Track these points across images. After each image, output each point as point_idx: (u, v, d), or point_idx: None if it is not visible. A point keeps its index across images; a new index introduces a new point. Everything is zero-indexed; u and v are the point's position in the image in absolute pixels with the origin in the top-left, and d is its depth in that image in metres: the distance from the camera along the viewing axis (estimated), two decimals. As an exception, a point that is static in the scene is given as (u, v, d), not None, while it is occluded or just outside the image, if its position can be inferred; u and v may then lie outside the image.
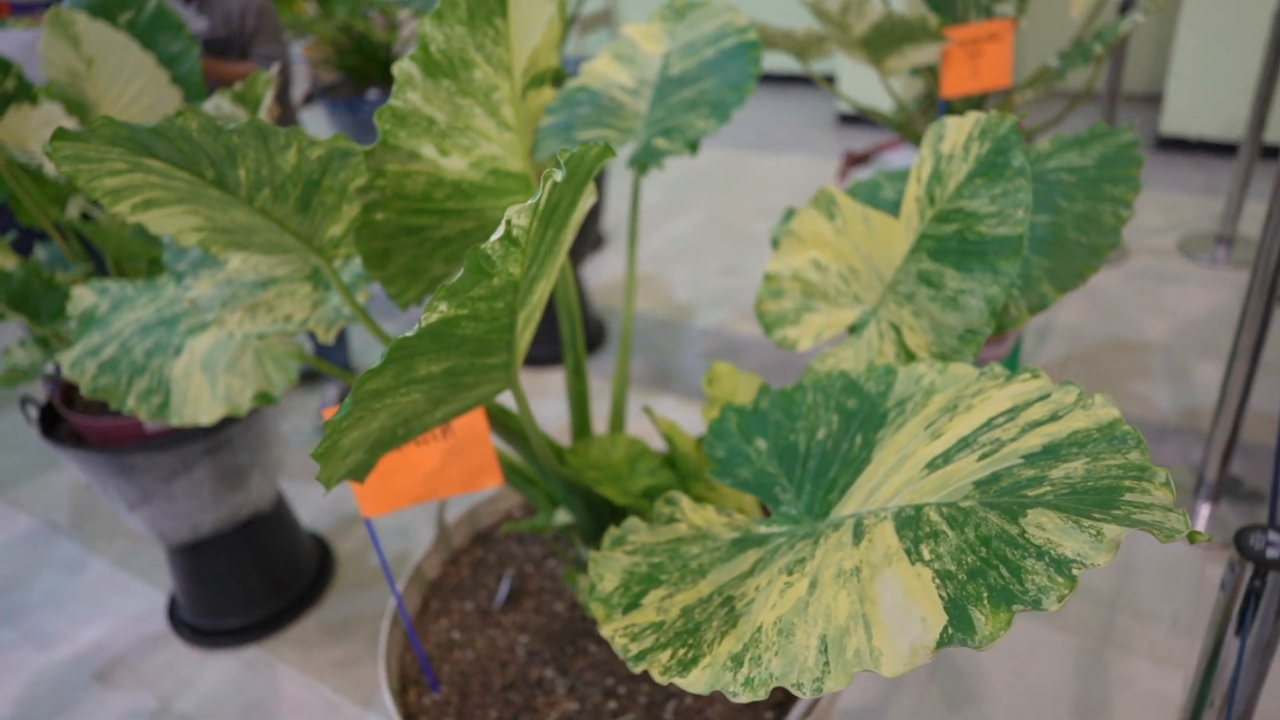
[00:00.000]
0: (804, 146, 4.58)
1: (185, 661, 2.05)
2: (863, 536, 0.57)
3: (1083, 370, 2.55)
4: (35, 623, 2.22)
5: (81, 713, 1.96)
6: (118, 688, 2.01)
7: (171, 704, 1.95)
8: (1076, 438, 0.55)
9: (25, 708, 2.00)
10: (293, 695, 1.92)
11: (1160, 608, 1.82)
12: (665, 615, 0.59)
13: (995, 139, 0.75)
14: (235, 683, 1.97)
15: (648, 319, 3.15)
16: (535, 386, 2.79)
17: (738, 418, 0.79)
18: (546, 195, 0.53)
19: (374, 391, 0.57)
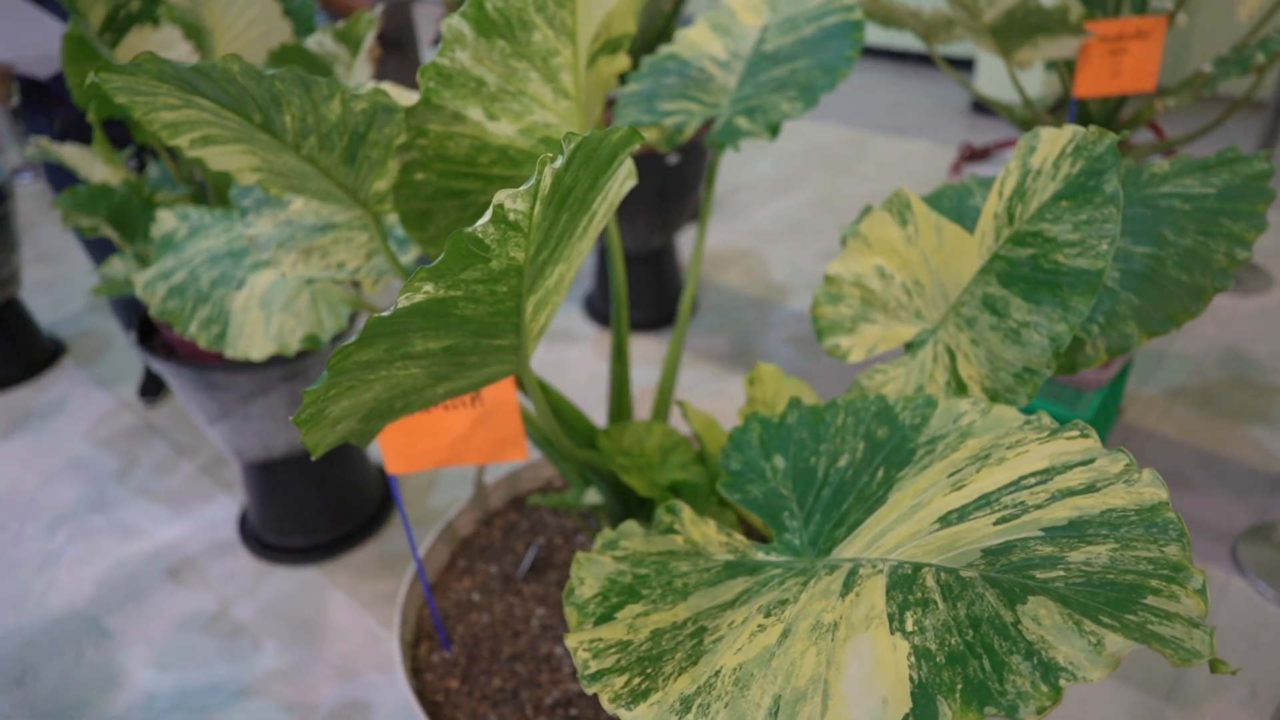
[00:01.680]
0: (931, 132, 4.37)
1: (248, 572, 2.14)
2: (852, 588, 0.52)
3: (1194, 407, 2.36)
4: (123, 515, 2.36)
5: (150, 603, 2.08)
6: (185, 586, 2.12)
7: (230, 609, 2.04)
8: (1110, 517, 0.48)
9: (103, 590, 2.13)
10: (339, 620, 1.98)
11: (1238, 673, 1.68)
12: (634, 635, 0.56)
13: (1089, 159, 0.67)
14: (290, 599, 2.05)
15: (739, 296, 3.08)
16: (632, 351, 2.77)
17: (761, 429, 0.74)
18: (550, 181, 0.49)
19: (363, 363, 0.55)
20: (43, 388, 2.91)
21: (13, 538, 2.32)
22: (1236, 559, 1.97)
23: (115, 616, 2.06)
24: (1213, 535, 2.00)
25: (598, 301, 2.92)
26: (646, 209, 2.56)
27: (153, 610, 2.07)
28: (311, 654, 1.92)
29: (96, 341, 3.13)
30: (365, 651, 1.91)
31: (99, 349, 3.07)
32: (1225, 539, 1.98)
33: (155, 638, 2.00)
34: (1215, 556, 1.94)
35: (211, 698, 1.86)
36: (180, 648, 1.97)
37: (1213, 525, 2.02)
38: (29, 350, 2.95)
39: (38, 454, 2.62)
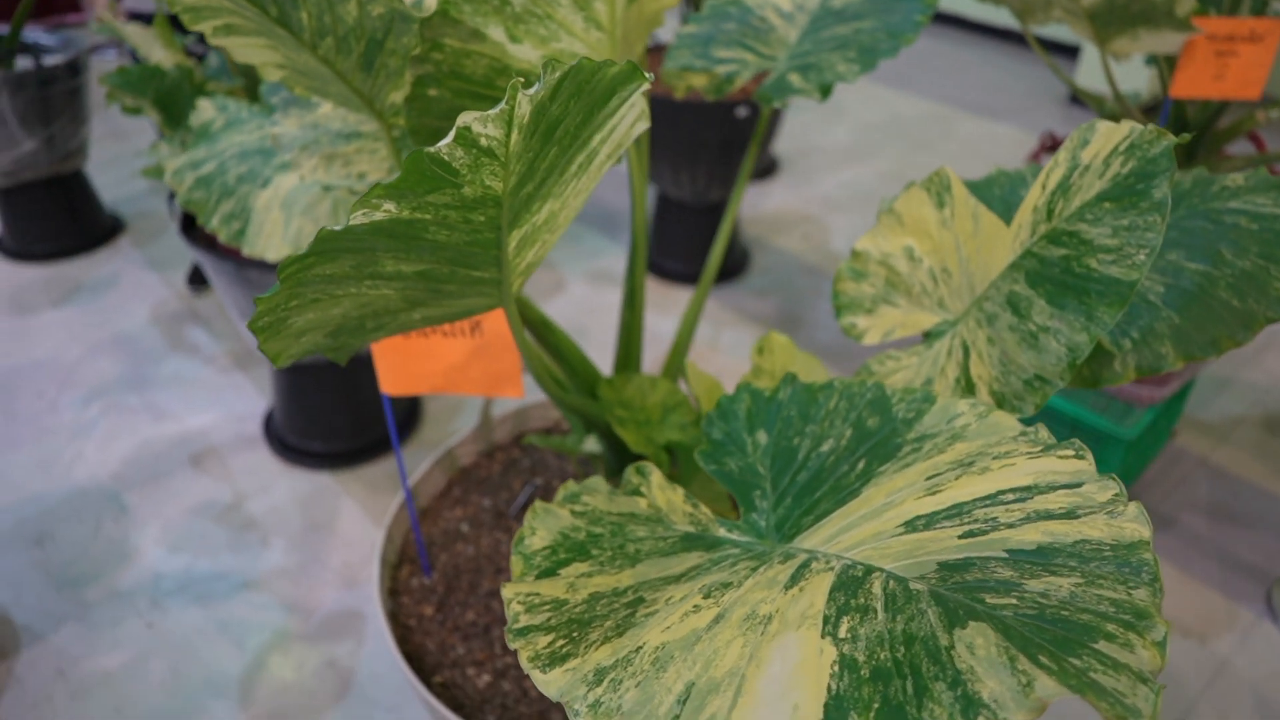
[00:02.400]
0: (1022, 118, 4.19)
1: (267, 469, 2.18)
2: (798, 582, 0.48)
3: (1252, 439, 2.25)
4: (156, 397, 2.41)
5: (170, 486, 2.14)
6: (205, 474, 2.17)
7: (244, 503, 2.09)
8: (1082, 548, 0.44)
9: (128, 467, 2.20)
10: (347, 529, 2.01)
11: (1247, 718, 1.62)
12: (573, 595, 0.54)
13: (1141, 160, 0.61)
14: (302, 502, 2.09)
15: (795, 261, 3.01)
16: (663, 301, 2.74)
17: (750, 401, 0.70)
18: (530, 109, 0.46)
19: (327, 277, 0.53)
20: (97, 262, 2.98)
21: (49, 404, 2.40)
22: (1270, 602, 1.89)
23: (135, 494, 2.12)
24: (1250, 574, 1.92)
25: (652, 250, 2.88)
26: (708, 161, 2.50)
27: (171, 493, 2.12)
28: (316, 558, 1.96)
29: (154, 224, 3.18)
30: (368, 563, 1.94)
31: (156, 232, 3.13)
32: (1263, 580, 1.90)
33: (170, 520, 2.05)
34: (1248, 596, 1.87)
35: (216, 585, 1.91)
36: (192, 533, 2.02)
37: (1252, 564, 1.94)
38: (88, 224, 3.02)
39: (84, 326, 2.69)
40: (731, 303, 2.77)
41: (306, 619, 1.83)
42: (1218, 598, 1.85)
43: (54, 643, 1.79)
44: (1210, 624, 1.80)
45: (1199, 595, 1.86)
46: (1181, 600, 1.85)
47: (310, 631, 1.81)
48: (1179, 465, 2.18)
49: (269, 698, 1.68)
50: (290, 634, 1.80)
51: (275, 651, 1.78)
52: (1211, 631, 1.78)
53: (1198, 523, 2.02)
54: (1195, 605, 1.84)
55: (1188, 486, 2.11)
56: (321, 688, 1.70)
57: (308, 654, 1.76)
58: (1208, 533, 2.00)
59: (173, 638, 1.80)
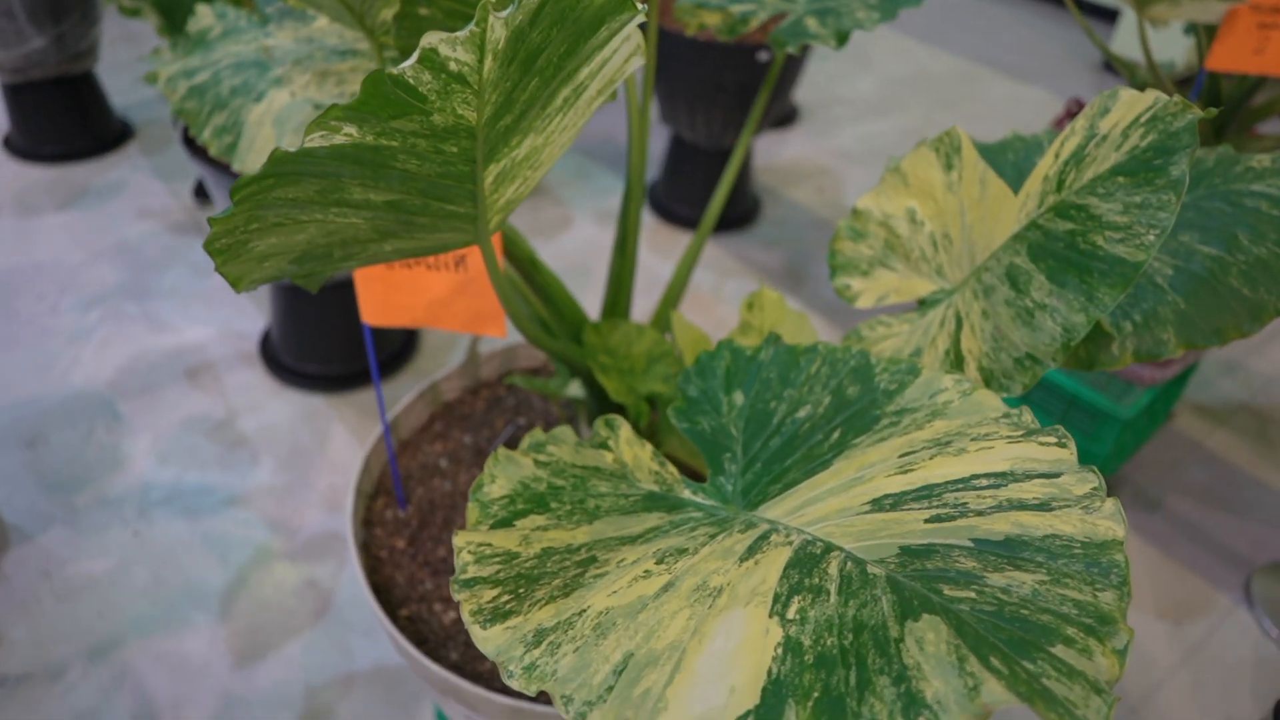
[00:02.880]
0: (1053, 82, 4.07)
1: (260, 388, 2.17)
2: (754, 554, 0.47)
3: (1249, 427, 2.23)
4: (156, 307, 2.40)
5: (163, 398, 2.14)
6: (199, 389, 2.17)
7: (236, 420, 2.09)
8: (1051, 543, 0.42)
9: (123, 375, 2.19)
10: (336, 453, 2.01)
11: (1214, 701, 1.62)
12: (525, 548, 0.52)
13: (1163, 133, 0.57)
14: (293, 423, 2.09)
15: (806, 214, 2.96)
16: (669, 246, 2.70)
17: (730, 359, 0.68)
18: (505, 35, 0.43)
19: (290, 201, 0.50)
20: (104, 167, 2.94)
21: (50, 307, 2.39)
22: (1249, 590, 1.89)
23: (129, 403, 2.12)
24: (1232, 561, 1.91)
25: (661, 192, 2.83)
26: (725, 105, 2.43)
27: (165, 405, 2.12)
28: (304, 480, 1.96)
29: (164, 132, 3.13)
30: (352, 488, 1.94)
31: (165, 140, 3.08)
32: (1245, 568, 1.89)
33: (162, 431, 2.06)
34: (1228, 584, 1.86)
35: (203, 499, 1.92)
36: (183, 446, 2.02)
37: (1235, 551, 1.93)
38: (97, 127, 2.97)
39: (88, 231, 2.67)
40: (738, 252, 2.73)
41: (290, 539, 1.84)
42: (1198, 582, 1.85)
43: (41, 544, 1.81)
44: (1186, 607, 1.80)
45: (1179, 578, 1.85)
46: (1160, 581, 1.84)
47: (293, 551, 1.82)
48: (1173, 447, 2.16)
49: (249, 613, 1.70)
50: (273, 552, 1.81)
51: (257, 568, 1.79)
52: (1187, 615, 1.78)
53: (1186, 506, 2.01)
54: (1174, 588, 1.84)
55: (1180, 469, 2.10)
56: (301, 607, 1.72)
57: (289, 573, 1.78)
58: (1195, 517, 1.98)
59: (158, 547, 1.81)
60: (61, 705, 1.55)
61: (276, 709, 1.57)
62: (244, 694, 1.60)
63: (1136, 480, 2.07)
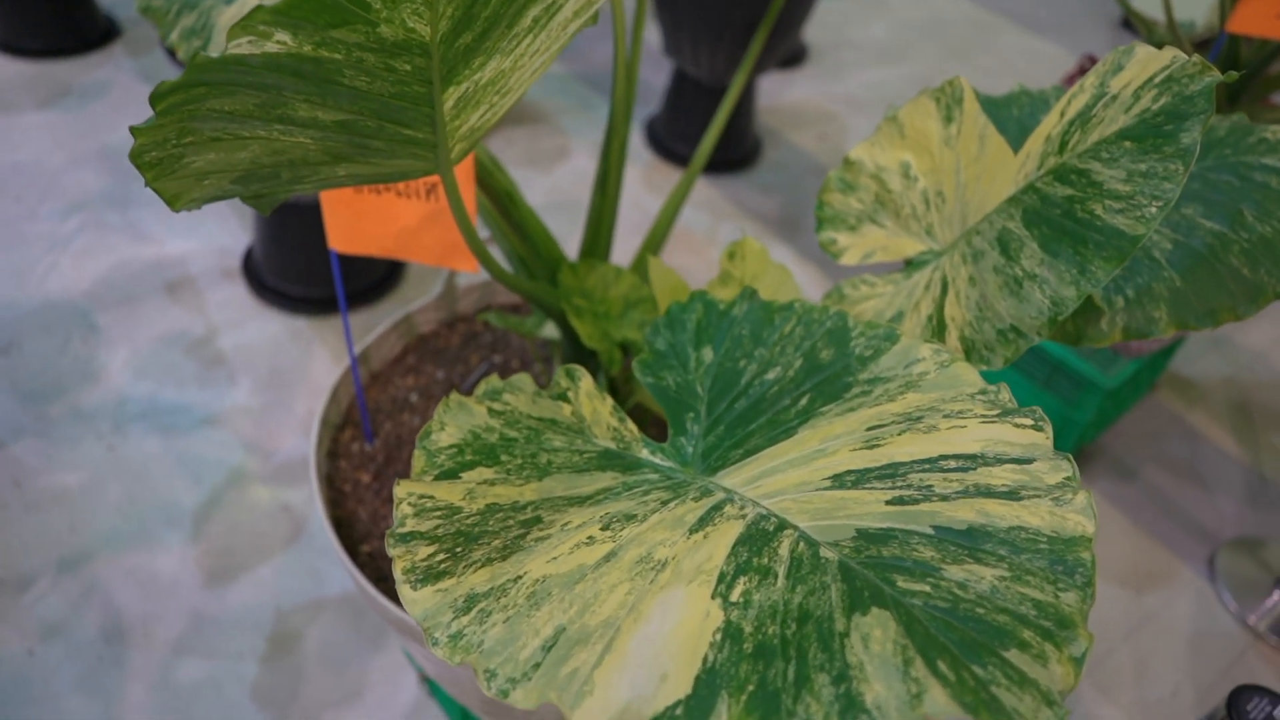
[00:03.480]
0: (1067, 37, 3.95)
1: (241, 306, 2.13)
2: (705, 526, 0.44)
3: (1232, 401, 2.21)
4: (139, 216, 2.34)
5: (143, 310, 2.10)
6: (179, 303, 2.13)
7: (215, 338, 2.05)
8: (1016, 536, 0.39)
9: (101, 286, 2.15)
10: (316, 376, 1.99)
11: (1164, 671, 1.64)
12: (469, 503, 0.49)
13: (1177, 96, 0.53)
14: (273, 343, 2.05)
15: (807, 159, 2.89)
16: (666, 184, 2.64)
17: (703, 312, 0.64)
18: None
19: (226, 114, 0.46)
20: (88, 66, 2.85)
21: (28, 211, 2.33)
22: (1213, 564, 1.89)
23: (107, 314, 2.08)
24: (1199, 534, 1.91)
25: (661, 128, 2.76)
26: (730, 41, 2.35)
27: (143, 318, 2.08)
28: (281, 402, 1.94)
29: (151, 32, 3.03)
30: (329, 414, 1.91)
31: (152, 41, 2.98)
32: (1211, 543, 1.90)
33: (139, 346, 2.02)
34: (1193, 556, 1.86)
35: (178, 417, 1.89)
36: (160, 362, 1.99)
37: (1203, 524, 1.93)
38: (82, 24, 2.87)
39: (69, 133, 2.59)
40: (734, 195, 2.67)
41: (265, 461, 1.82)
42: (1163, 553, 1.85)
43: (12, 453, 1.79)
44: (1148, 578, 1.81)
45: (1144, 548, 1.86)
46: (1126, 550, 1.84)
47: (267, 474, 1.80)
48: (1153, 418, 2.15)
49: (221, 534, 1.69)
50: (247, 474, 1.79)
51: (231, 489, 1.78)
52: (1148, 585, 1.79)
53: (1160, 478, 2.01)
54: (1138, 557, 1.84)
55: (1157, 441, 2.09)
56: (273, 530, 1.71)
57: (262, 496, 1.76)
58: (1167, 489, 1.98)
59: (131, 464, 1.79)
60: (29, 616, 1.55)
61: (245, 630, 1.57)
62: (214, 613, 1.60)
63: (1115, 449, 2.07)
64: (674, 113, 2.69)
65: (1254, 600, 1.85)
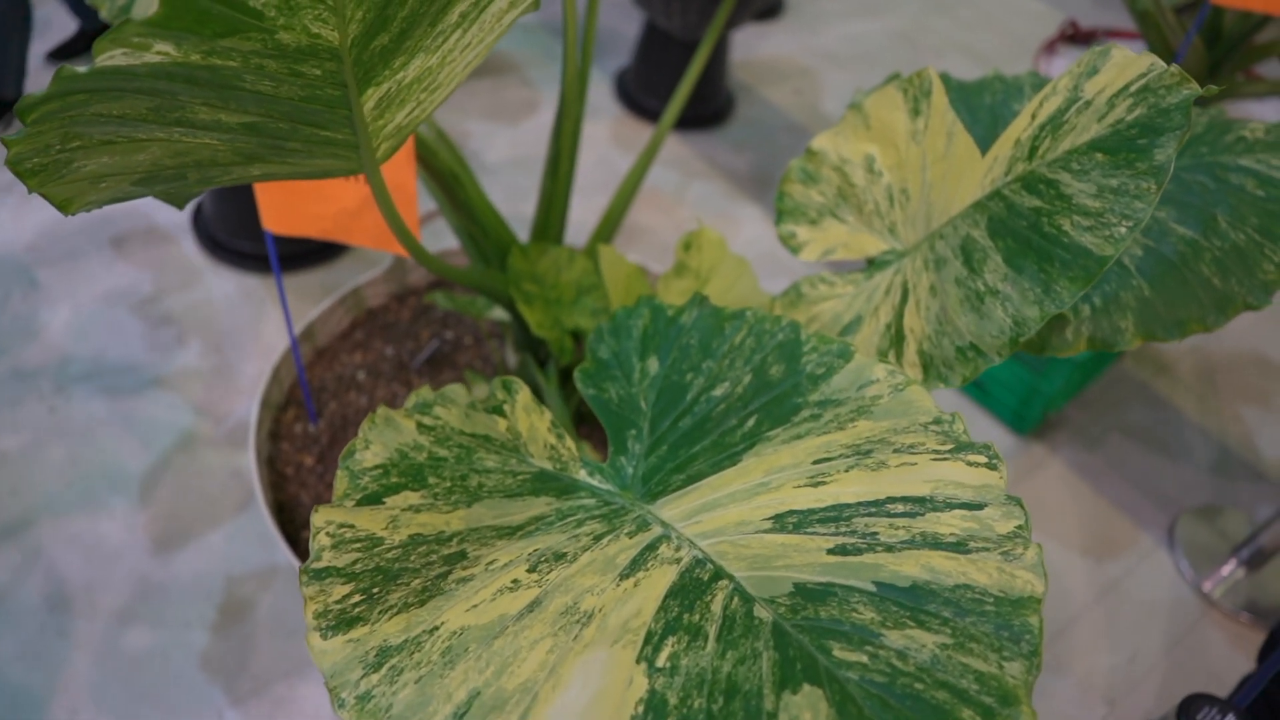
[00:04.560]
0: (1053, -10, 3.88)
1: (191, 264, 2.06)
2: (638, 570, 0.41)
3: (1198, 369, 2.23)
4: (80, 166, 2.24)
5: (86, 267, 2.02)
6: (125, 260, 2.05)
7: (163, 297, 1.99)
8: (962, 596, 0.37)
9: (43, 240, 2.07)
10: (269, 337, 1.93)
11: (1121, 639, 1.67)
12: (392, 533, 0.46)
13: (1152, 109, 0.50)
14: (224, 302, 1.99)
15: (780, 116, 2.83)
16: (638, 142, 2.57)
17: (650, 318, 0.61)
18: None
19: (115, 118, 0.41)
20: (27, 6, 2.70)
21: (-38, 160, 2.22)
22: (1172, 533, 1.92)
23: (49, 271, 2.01)
24: (1160, 503, 1.93)
25: (631, 81, 2.68)
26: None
27: (87, 275, 2.01)
28: (232, 364, 1.88)
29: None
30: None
31: (95, -20, 2.82)
32: (1172, 511, 1.92)
33: (83, 304, 1.95)
34: (1153, 524, 1.89)
35: (124, 379, 1.84)
36: (106, 321, 1.92)
37: (1165, 493, 1.95)
38: (18, -40, 2.71)
39: (6, 77, 2.46)
40: (706, 152, 2.61)
41: (216, 425, 1.77)
42: (1124, 522, 1.87)
43: (-52, 415, 1.73)
44: (1109, 546, 1.83)
45: (1106, 517, 1.87)
46: (1088, 519, 1.86)
47: (218, 438, 1.76)
48: (1119, 387, 2.16)
49: (169, 499, 1.65)
50: (197, 438, 1.74)
51: (180, 454, 1.73)
52: (1109, 553, 1.81)
53: (1124, 446, 2.02)
54: (1100, 526, 1.86)
55: (1122, 409, 2.10)
56: (224, 497, 1.67)
57: (213, 460, 1.72)
58: (1131, 458, 2.00)
59: (75, 426, 1.74)
60: (-33, 584, 1.51)
61: (195, 598, 1.54)
62: (161, 581, 1.56)
63: (1080, 418, 2.07)
64: (644, 66, 2.61)
65: (1210, 568, 1.87)
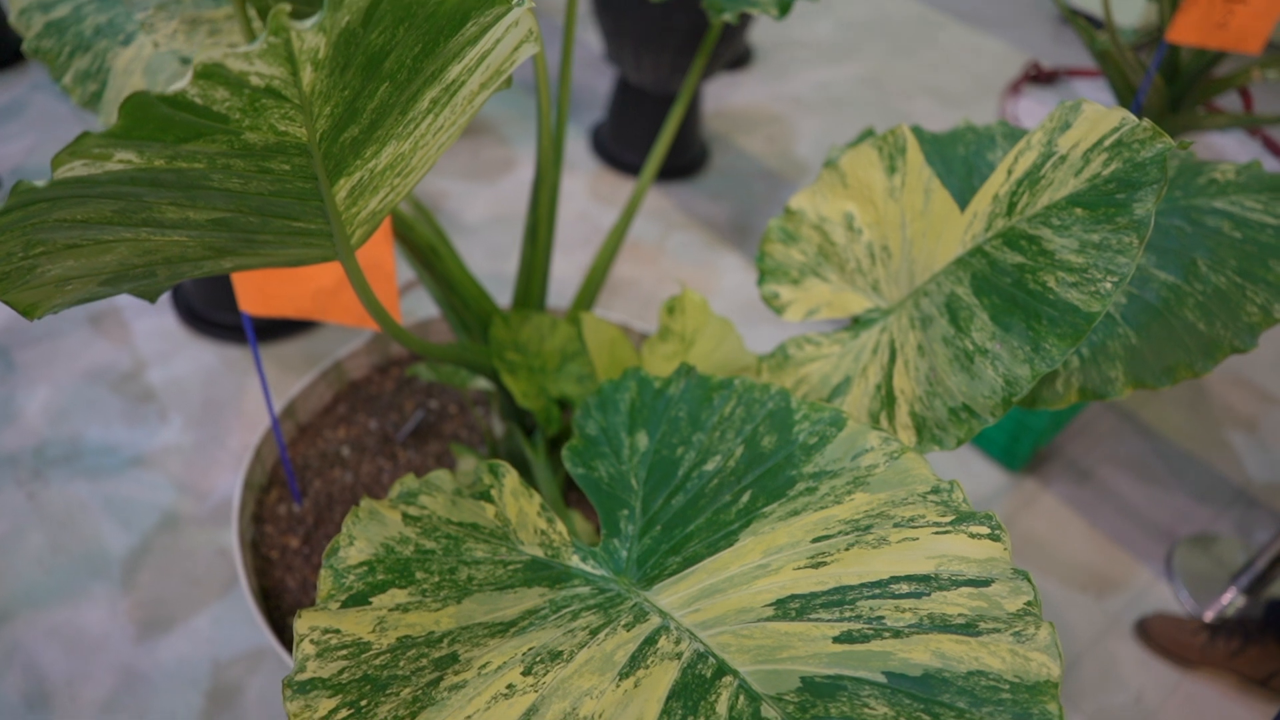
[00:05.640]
0: (1009, 32, 3.98)
1: (171, 337, 2.04)
2: (638, 667, 0.40)
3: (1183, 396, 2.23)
4: (56, 245, 2.23)
5: (64, 345, 2.00)
6: (104, 336, 2.03)
7: (144, 372, 1.96)
8: (975, 684, 0.36)
9: (17, 319, 2.04)
10: (252, 409, 1.90)
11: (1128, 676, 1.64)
12: (379, 637, 0.45)
13: (1128, 163, 0.50)
14: (205, 375, 1.97)
15: (754, 164, 2.86)
16: (614, 195, 2.59)
17: (637, 392, 0.60)
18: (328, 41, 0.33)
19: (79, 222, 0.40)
20: (2, 86, 2.71)
21: (-63, 243, 2.20)
22: (1170, 563, 1.91)
23: (26, 352, 1.98)
24: (1156, 534, 1.92)
25: (606, 136, 2.70)
26: (675, 47, 2.31)
27: (65, 354, 1.98)
28: (215, 438, 1.86)
29: (67, 50, 2.89)
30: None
31: (68, 59, 2.84)
32: (1168, 540, 1.91)
33: (61, 383, 1.92)
34: (1151, 556, 1.87)
35: (104, 459, 1.80)
36: (85, 400, 1.90)
37: (1160, 523, 1.94)
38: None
39: (-21, 159, 2.46)
40: (684, 202, 2.63)
41: (199, 502, 1.74)
42: (1121, 554, 1.86)
43: (-77, 505, 1.69)
44: (1109, 580, 1.81)
45: (1103, 550, 1.86)
46: (1085, 554, 1.85)
47: (202, 516, 1.72)
48: (1107, 417, 2.16)
49: (152, 582, 1.61)
50: (180, 517, 1.71)
51: (163, 534, 1.69)
52: (1109, 588, 1.79)
53: (1115, 478, 2.01)
54: (1097, 560, 1.84)
55: (1112, 440, 2.10)
56: (209, 577, 1.63)
57: (197, 539, 1.68)
58: (1123, 489, 1.99)
59: (54, 511, 1.70)
60: (-58, 683, 1.46)
61: (181, 686, 1.50)
62: (146, 669, 1.52)
63: (1070, 451, 2.07)
64: (619, 120, 2.64)
65: (1210, 598, 1.86)
